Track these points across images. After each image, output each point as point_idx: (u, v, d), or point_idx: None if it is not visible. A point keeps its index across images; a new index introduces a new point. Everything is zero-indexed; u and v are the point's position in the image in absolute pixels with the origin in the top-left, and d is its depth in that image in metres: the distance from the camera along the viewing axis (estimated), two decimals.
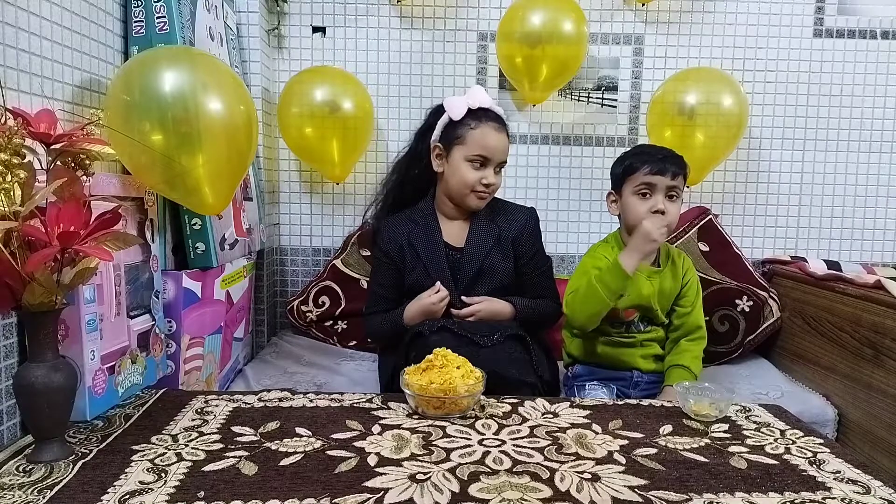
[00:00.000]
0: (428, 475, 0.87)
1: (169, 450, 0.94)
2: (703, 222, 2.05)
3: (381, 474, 0.87)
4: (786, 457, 0.97)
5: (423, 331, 1.36)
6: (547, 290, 1.60)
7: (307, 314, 2.01)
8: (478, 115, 1.49)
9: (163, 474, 0.86)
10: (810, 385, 1.75)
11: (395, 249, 1.56)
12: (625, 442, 1.01)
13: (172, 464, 0.89)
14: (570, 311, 1.49)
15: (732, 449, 1.00)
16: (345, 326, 2.02)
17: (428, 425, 1.05)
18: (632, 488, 0.85)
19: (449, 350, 1.18)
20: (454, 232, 1.57)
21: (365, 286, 2.00)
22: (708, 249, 2.01)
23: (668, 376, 1.48)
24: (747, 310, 1.88)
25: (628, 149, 1.59)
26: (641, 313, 1.53)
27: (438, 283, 1.49)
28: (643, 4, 2.08)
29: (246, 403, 1.14)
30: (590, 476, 0.88)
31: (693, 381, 1.32)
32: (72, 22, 1.17)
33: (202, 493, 0.81)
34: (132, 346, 1.15)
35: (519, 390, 1.27)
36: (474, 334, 1.35)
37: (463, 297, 1.51)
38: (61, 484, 0.83)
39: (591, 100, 2.14)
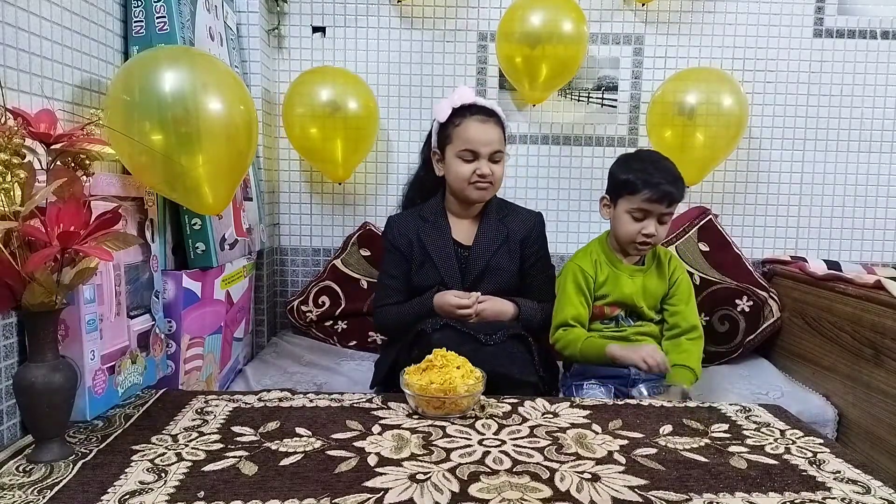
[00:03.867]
0: (428, 475, 0.87)
1: (169, 450, 0.94)
2: (703, 222, 2.04)
3: (381, 474, 0.87)
4: (786, 457, 0.97)
5: (426, 328, 1.37)
6: (549, 294, 1.61)
7: (307, 314, 2.01)
8: (462, 112, 1.53)
9: (163, 474, 0.86)
10: (810, 385, 1.75)
11: (404, 243, 1.58)
12: (625, 442, 1.01)
13: (172, 464, 0.89)
14: (559, 348, 1.53)
15: (732, 449, 1.00)
16: (345, 326, 2.02)
17: (428, 425, 1.05)
18: (632, 488, 0.85)
19: (450, 349, 1.18)
20: (463, 230, 1.60)
21: (365, 286, 2.00)
22: (708, 249, 2.01)
23: (673, 375, 1.48)
24: (747, 310, 1.88)
25: (632, 150, 1.57)
26: (626, 310, 1.55)
27: (477, 293, 1.48)
28: (643, 4, 2.08)
29: (246, 403, 1.14)
30: (590, 476, 0.88)
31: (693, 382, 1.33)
32: (72, 22, 1.17)
33: (202, 493, 0.81)
34: (132, 346, 1.15)
35: (520, 389, 1.27)
36: (477, 332, 1.37)
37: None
38: (61, 484, 0.83)
39: (591, 100, 2.14)
